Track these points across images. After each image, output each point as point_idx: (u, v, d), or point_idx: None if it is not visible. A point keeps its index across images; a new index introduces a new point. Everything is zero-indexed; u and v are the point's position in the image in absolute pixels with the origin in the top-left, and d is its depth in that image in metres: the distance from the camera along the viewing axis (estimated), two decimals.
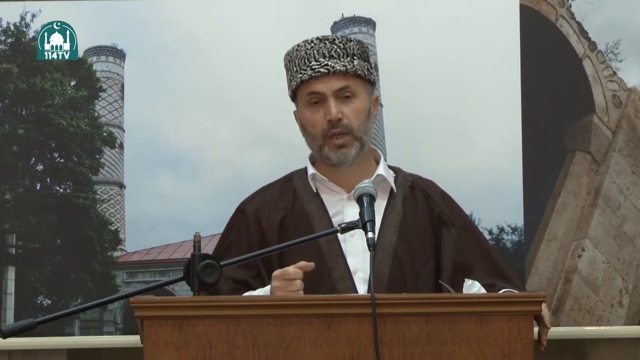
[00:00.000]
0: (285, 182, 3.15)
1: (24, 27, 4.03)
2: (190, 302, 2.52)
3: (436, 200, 3.12)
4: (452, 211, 3.13)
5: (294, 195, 3.10)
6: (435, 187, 3.18)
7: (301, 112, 3.06)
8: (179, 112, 4.02)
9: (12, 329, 2.51)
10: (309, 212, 3.05)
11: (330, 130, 2.99)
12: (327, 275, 2.98)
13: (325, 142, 3.01)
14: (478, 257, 3.07)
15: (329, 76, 2.99)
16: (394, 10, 4.00)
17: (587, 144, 4.03)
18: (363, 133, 3.02)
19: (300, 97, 3.05)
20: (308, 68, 3.00)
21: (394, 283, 2.97)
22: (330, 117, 2.98)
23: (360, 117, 3.02)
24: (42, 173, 4.03)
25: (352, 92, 3.01)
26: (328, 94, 3.00)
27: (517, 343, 2.49)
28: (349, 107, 3.01)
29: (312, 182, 3.09)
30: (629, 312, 4.01)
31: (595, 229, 4.01)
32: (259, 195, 3.14)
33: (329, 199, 3.07)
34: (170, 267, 4.00)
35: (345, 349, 2.48)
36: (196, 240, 2.58)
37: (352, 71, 3.01)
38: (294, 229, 3.02)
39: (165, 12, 4.03)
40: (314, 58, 3.01)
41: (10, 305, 3.99)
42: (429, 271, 3.02)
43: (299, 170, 3.17)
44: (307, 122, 3.04)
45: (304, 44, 3.04)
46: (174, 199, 4.01)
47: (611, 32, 4.04)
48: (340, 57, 3.01)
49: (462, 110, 4.00)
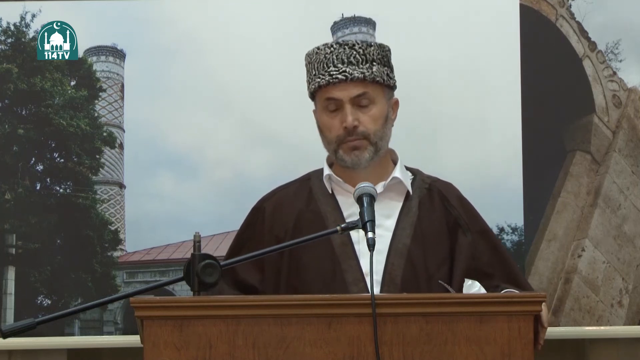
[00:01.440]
0: (303, 182, 3.15)
1: (24, 27, 4.03)
2: (190, 302, 2.52)
3: (453, 204, 3.11)
4: (469, 215, 3.11)
5: (310, 196, 3.09)
6: (454, 190, 3.17)
7: (319, 114, 3.06)
8: (179, 112, 4.02)
9: (12, 329, 2.51)
10: (324, 213, 3.05)
11: (346, 137, 3.00)
12: (341, 277, 2.98)
13: (339, 146, 3.01)
14: (496, 264, 3.06)
15: (346, 83, 2.98)
16: (394, 10, 4.00)
17: (587, 144, 4.03)
18: (379, 138, 3.02)
19: (318, 100, 3.05)
20: (326, 73, 2.99)
21: (407, 285, 2.96)
22: (347, 125, 2.98)
23: (377, 123, 3.01)
24: (42, 173, 4.03)
25: (369, 99, 3.01)
26: (345, 100, 2.99)
27: (517, 343, 2.49)
28: (366, 114, 3.00)
29: (328, 183, 3.09)
30: (629, 312, 4.01)
31: (595, 229, 4.01)
32: (277, 194, 3.15)
33: (344, 200, 3.06)
34: (170, 267, 4.00)
35: (345, 349, 2.48)
36: (196, 240, 2.58)
37: (370, 78, 3.00)
38: (308, 229, 3.01)
39: (165, 12, 4.03)
40: (332, 63, 3.00)
41: (10, 305, 3.99)
42: (442, 274, 3.01)
43: (317, 170, 3.16)
44: (324, 126, 3.04)
45: (324, 48, 3.03)
46: (174, 199, 4.01)
47: (611, 32, 4.04)
48: (359, 63, 3.00)
49: (462, 110, 4.00)
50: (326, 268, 2.99)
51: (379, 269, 2.95)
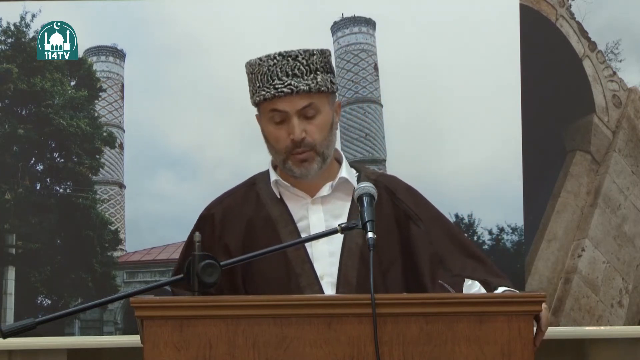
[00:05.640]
0: (249, 187, 3.12)
1: (24, 27, 4.03)
2: (190, 302, 2.52)
3: (400, 197, 3.09)
4: (418, 204, 3.10)
5: (258, 201, 3.08)
6: (400, 183, 3.15)
7: (264, 125, 3.04)
8: (179, 112, 4.02)
9: (12, 329, 2.51)
10: (274, 218, 3.04)
11: (294, 149, 2.98)
12: (295, 281, 2.97)
13: (288, 157, 3.00)
14: (448, 244, 3.05)
15: (292, 95, 2.96)
16: (394, 10, 4.00)
17: (587, 144, 4.04)
18: (325, 147, 3.00)
19: (262, 111, 3.03)
20: (271, 87, 2.97)
21: (362, 285, 2.94)
22: (294, 138, 2.96)
23: (323, 132, 2.99)
24: (42, 173, 4.03)
25: (315, 109, 2.98)
26: (292, 113, 2.97)
27: (517, 343, 2.49)
28: (312, 124, 2.98)
29: (276, 188, 3.08)
30: (629, 312, 4.01)
31: (595, 229, 4.01)
32: (224, 201, 3.12)
33: (293, 204, 3.05)
34: (170, 267, 3.99)
35: (345, 349, 2.49)
36: (196, 240, 2.58)
37: (315, 89, 2.98)
38: (261, 235, 3.01)
39: (165, 12, 4.03)
40: (276, 76, 2.97)
41: (10, 305, 3.99)
42: (397, 270, 3.01)
43: (261, 173, 3.14)
44: (270, 137, 3.02)
45: (267, 60, 2.99)
46: (174, 199, 4.01)
47: (611, 32, 4.04)
48: (303, 75, 2.97)
49: (462, 110, 4.00)
50: (280, 272, 2.98)
51: (333, 271, 2.97)
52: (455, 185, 3.93)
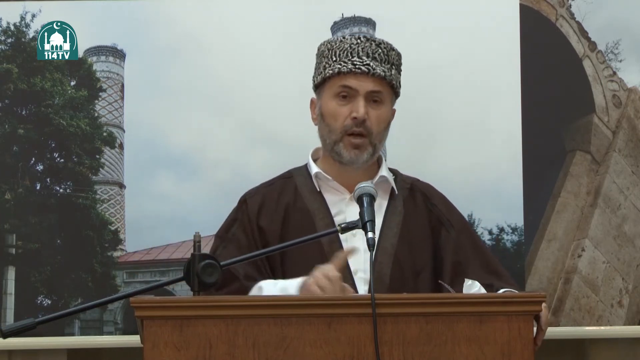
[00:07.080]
0: (285, 179, 3.16)
1: (24, 27, 4.03)
2: (190, 302, 2.52)
3: (435, 203, 3.15)
4: (450, 212, 3.16)
5: (296, 193, 3.10)
6: (434, 190, 3.21)
7: (326, 101, 3.06)
8: (179, 112, 4.02)
9: (12, 329, 2.51)
10: (312, 211, 3.06)
11: (352, 128, 3.01)
12: None
13: (342, 138, 3.03)
14: (473, 257, 3.09)
15: (367, 76, 3.01)
16: (394, 10, 4.00)
17: (587, 144, 4.04)
18: (378, 141, 3.05)
19: (329, 86, 3.06)
20: (349, 62, 3.01)
21: (395, 284, 2.98)
22: (357, 116, 3.00)
23: (381, 125, 3.05)
24: (42, 173, 4.03)
25: (381, 99, 3.04)
26: (361, 92, 3.02)
27: (517, 343, 2.49)
28: (376, 112, 3.03)
29: (315, 181, 3.09)
30: (629, 312, 4.01)
31: (595, 229, 4.01)
32: (261, 191, 3.15)
33: (332, 198, 3.08)
34: (170, 267, 4.00)
35: (345, 349, 2.49)
36: (196, 240, 2.58)
37: (388, 79, 3.04)
38: (296, 226, 3.03)
39: (165, 12, 4.03)
40: (357, 54, 3.02)
41: (10, 305, 3.99)
42: (428, 273, 3.04)
43: (298, 167, 3.17)
44: (329, 113, 3.05)
45: (350, 38, 3.06)
46: (174, 199, 4.01)
47: (611, 32, 4.04)
48: (382, 61, 3.03)
49: (462, 110, 4.00)
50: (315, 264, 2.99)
51: (367, 268, 2.96)
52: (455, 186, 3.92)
